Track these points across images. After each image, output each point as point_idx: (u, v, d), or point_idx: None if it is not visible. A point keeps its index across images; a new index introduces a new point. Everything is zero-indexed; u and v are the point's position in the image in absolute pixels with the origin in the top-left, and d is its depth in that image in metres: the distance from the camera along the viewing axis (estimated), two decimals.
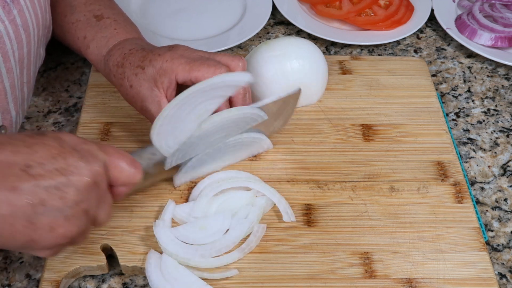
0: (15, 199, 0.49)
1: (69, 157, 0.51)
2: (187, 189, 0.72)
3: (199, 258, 0.64)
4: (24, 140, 0.51)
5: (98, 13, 0.77)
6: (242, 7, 1.03)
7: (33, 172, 0.49)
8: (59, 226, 0.51)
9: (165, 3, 1.02)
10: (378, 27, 0.98)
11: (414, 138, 0.79)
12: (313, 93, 0.81)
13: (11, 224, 0.49)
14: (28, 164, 0.49)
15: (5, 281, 0.66)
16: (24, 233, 0.50)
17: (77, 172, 0.51)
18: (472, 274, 0.65)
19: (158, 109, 0.68)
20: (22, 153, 0.50)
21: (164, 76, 0.68)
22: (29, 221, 0.49)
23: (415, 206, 0.71)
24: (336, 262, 0.65)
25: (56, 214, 0.50)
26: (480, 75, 0.94)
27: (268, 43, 0.79)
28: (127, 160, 0.56)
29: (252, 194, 0.70)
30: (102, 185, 0.54)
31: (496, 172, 0.80)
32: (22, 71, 0.68)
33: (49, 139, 0.52)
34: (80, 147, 0.53)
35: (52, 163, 0.50)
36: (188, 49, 0.70)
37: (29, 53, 0.68)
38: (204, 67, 0.66)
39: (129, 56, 0.71)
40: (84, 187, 0.51)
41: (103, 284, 0.66)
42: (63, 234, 0.51)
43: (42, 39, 0.73)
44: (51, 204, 0.50)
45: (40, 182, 0.49)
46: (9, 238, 0.50)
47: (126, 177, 0.56)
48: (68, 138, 0.53)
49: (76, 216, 0.51)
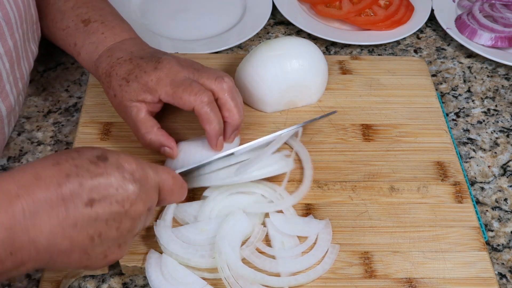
0: (76, 235, 0.50)
1: (129, 188, 0.53)
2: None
3: (199, 258, 0.64)
4: (89, 171, 0.52)
5: (85, 17, 0.76)
6: (242, 7, 1.03)
7: (96, 207, 0.51)
8: (112, 254, 0.54)
9: (165, 3, 1.02)
10: (378, 27, 0.98)
11: (414, 138, 0.79)
12: (313, 93, 0.81)
13: (68, 256, 0.51)
14: (92, 199, 0.51)
15: (5, 281, 0.66)
16: (79, 262, 0.53)
17: (136, 204, 0.53)
18: (472, 274, 0.65)
19: (137, 118, 0.70)
20: (87, 187, 0.51)
21: (148, 93, 0.69)
22: (86, 252, 0.52)
23: (415, 206, 0.71)
24: (336, 262, 0.65)
25: (111, 243, 0.53)
26: (480, 75, 0.94)
27: (268, 43, 0.79)
28: (178, 184, 0.60)
29: (256, 198, 0.70)
30: (152, 209, 0.57)
31: (496, 172, 0.80)
32: (13, 66, 0.68)
33: (112, 169, 0.53)
34: (139, 175, 0.54)
35: (114, 197, 0.52)
36: (173, 66, 0.69)
37: (16, 47, 0.68)
38: (186, 95, 0.67)
39: (116, 66, 0.71)
40: (139, 217, 0.55)
41: (103, 284, 0.66)
42: (114, 260, 0.55)
43: (29, 34, 0.72)
44: (107, 235, 0.52)
45: (101, 217, 0.51)
46: (63, 266, 0.53)
47: (175, 199, 0.61)
48: (128, 166, 0.54)
49: (127, 242, 0.56)
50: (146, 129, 0.70)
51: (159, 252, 0.65)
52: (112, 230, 0.52)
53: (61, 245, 0.50)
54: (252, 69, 0.78)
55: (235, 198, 0.69)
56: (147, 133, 0.70)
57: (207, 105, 0.67)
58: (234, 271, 0.62)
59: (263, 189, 0.70)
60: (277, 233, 0.67)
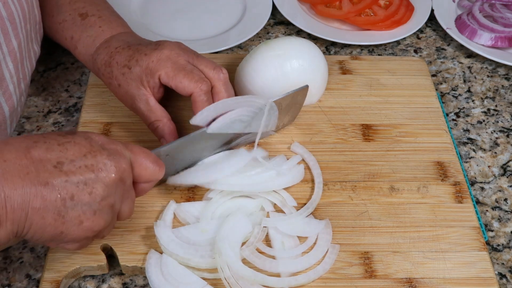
0: (47, 193, 0.52)
1: (98, 155, 0.54)
2: (187, 189, 0.72)
3: (200, 258, 0.64)
4: (56, 139, 0.54)
5: (82, 11, 0.77)
6: (242, 7, 1.03)
7: (65, 169, 0.53)
8: (87, 220, 0.54)
9: (165, 3, 1.02)
10: (378, 27, 0.98)
11: (414, 138, 0.79)
12: (313, 93, 0.81)
13: (42, 217, 0.52)
14: (60, 161, 0.53)
15: (5, 281, 0.66)
16: (54, 226, 0.53)
17: (105, 169, 0.54)
18: (472, 274, 0.65)
19: (147, 107, 0.71)
20: (55, 151, 0.53)
21: (150, 76, 0.70)
22: (59, 214, 0.52)
23: (415, 206, 0.71)
24: (336, 262, 0.65)
25: (85, 208, 0.53)
26: (480, 75, 0.94)
27: (268, 43, 0.79)
28: (151, 159, 0.59)
29: (258, 203, 0.70)
30: (127, 182, 0.57)
31: (496, 172, 0.80)
32: (16, 66, 0.68)
33: (79, 138, 0.55)
34: (108, 146, 0.56)
35: (83, 161, 0.54)
36: (174, 49, 0.71)
37: (20, 47, 0.68)
38: (187, 80, 0.69)
39: (115, 55, 0.72)
40: (111, 183, 0.55)
41: (103, 284, 0.66)
42: (91, 227, 0.55)
43: (32, 34, 0.73)
44: (80, 198, 0.53)
45: (71, 178, 0.53)
46: (39, 230, 0.53)
47: (150, 174, 0.59)
48: (97, 137, 0.57)
49: (103, 210, 0.55)
50: (156, 117, 0.72)
51: (159, 252, 0.65)
52: (84, 194, 0.53)
53: (33, 202, 0.51)
54: (252, 69, 0.78)
55: (239, 201, 0.69)
56: (156, 121, 0.72)
57: (205, 94, 0.69)
58: (234, 272, 0.62)
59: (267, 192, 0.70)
60: (277, 233, 0.67)
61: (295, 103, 0.75)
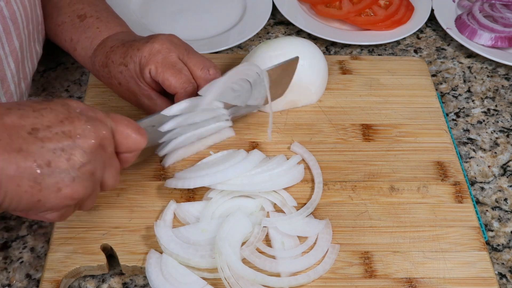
0: (22, 160, 0.50)
1: (76, 121, 0.53)
2: (187, 189, 0.72)
3: (199, 258, 0.64)
4: (32, 106, 0.52)
5: (81, 12, 0.77)
6: (242, 7, 1.03)
7: (40, 135, 0.51)
8: (65, 187, 0.52)
9: (165, 3, 1.02)
10: (378, 27, 0.98)
11: (414, 138, 0.79)
12: (313, 93, 0.81)
13: (17, 185, 0.50)
14: (35, 128, 0.51)
15: (5, 281, 0.66)
16: (31, 193, 0.51)
17: (84, 135, 0.52)
18: (472, 273, 0.65)
19: (151, 101, 0.71)
20: (30, 117, 0.51)
21: (143, 71, 0.70)
22: (35, 181, 0.51)
23: (415, 206, 0.71)
24: (336, 262, 0.65)
25: (63, 175, 0.51)
26: (480, 75, 0.94)
27: (268, 43, 0.79)
28: (133, 127, 0.58)
29: (258, 203, 0.70)
30: (108, 149, 0.55)
31: (496, 172, 0.80)
32: (18, 66, 0.68)
33: (56, 105, 0.53)
34: (87, 113, 0.54)
35: (59, 127, 0.52)
36: (165, 43, 0.70)
37: (21, 47, 0.68)
38: (174, 80, 0.69)
39: (111, 55, 0.72)
40: (90, 150, 0.53)
41: (103, 284, 0.66)
42: (70, 195, 0.52)
43: (34, 34, 0.73)
44: (57, 165, 0.51)
45: (47, 145, 0.51)
46: (15, 198, 0.51)
47: (132, 143, 0.58)
48: (75, 104, 0.55)
49: (82, 178, 0.53)
50: (162, 110, 0.71)
51: (159, 252, 0.65)
52: (62, 160, 0.51)
53: (7, 169, 0.49)
54: None
55: (239, 201, 0.69)
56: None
57: (189, 95, 0.69)
58: (234, 271, 0.62)
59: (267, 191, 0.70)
60: (277, 233, 0.67)
61: (285, 76, 0.75)
